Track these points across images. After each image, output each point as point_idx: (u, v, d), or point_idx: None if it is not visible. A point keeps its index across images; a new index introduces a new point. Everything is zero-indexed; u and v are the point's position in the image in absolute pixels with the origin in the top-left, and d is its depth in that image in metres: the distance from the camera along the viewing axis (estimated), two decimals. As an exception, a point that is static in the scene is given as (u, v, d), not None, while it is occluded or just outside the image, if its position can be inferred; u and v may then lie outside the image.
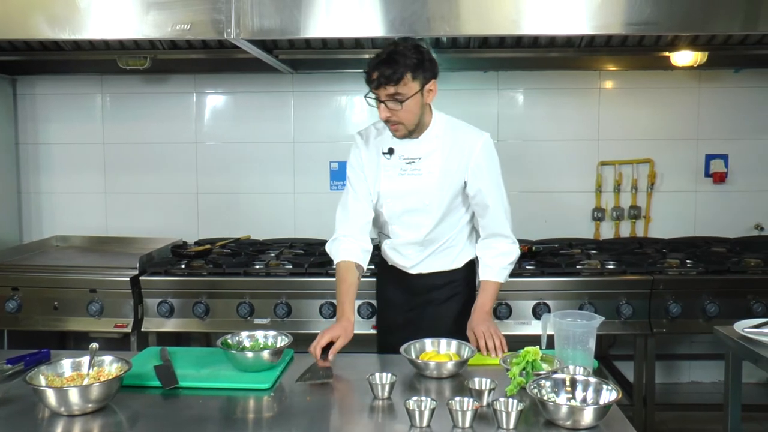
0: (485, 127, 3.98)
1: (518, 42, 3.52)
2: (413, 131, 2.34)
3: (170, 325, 3.25)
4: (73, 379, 1.92)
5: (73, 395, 1.75)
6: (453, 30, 2.73)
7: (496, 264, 2.44)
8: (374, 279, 2.72)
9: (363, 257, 2.42)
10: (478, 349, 2.18)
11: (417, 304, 2.50)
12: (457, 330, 2.36)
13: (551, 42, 3.54)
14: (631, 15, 2.63)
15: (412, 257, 2.47)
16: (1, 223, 3.99)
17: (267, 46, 3.38)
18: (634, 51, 3.65)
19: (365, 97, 2.28)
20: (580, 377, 1.79)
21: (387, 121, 2.29)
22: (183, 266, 3.39)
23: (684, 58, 3.60)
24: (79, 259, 3.60)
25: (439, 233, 2.43)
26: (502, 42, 3.51)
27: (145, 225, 4.06)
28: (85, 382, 1.87)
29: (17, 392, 1.94)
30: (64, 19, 2.92)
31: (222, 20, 2.66)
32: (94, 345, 1.98)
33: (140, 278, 3.27)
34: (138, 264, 3.31)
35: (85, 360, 1.95)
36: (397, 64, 2.18)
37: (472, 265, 2.55)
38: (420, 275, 2.48)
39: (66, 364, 1.95)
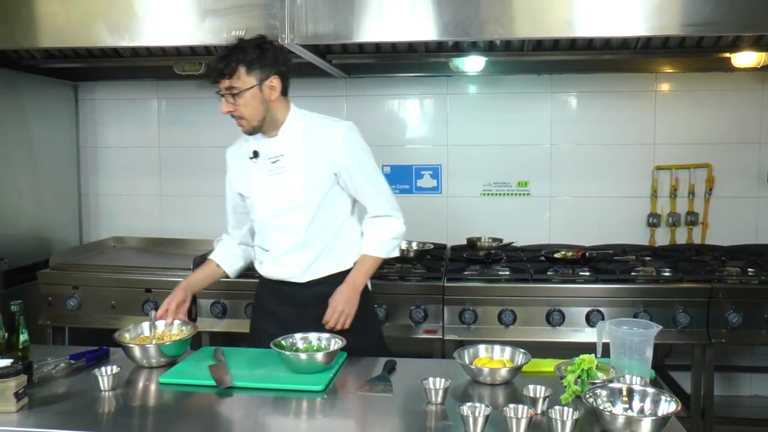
0: (538, 130, 4.02)
1: (572, 44, 3.46)
2: (259, 127, 2.34)
3: (222, 326, 3.30)
4: (143, 340, 2.27)
5: (151, 349, 2.14)
6: (507, 33, 2.70)
7: (376, 238, 2.41)
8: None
9: (228, 261, 2.59)
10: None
11: (311, 321, 2.34)
12: (364, 341, 2.34)
13: (606, 44, 3.47)
14: (689, 15, 2.56)
15: (298, 264, 2.39)
16: (63, 224, 4.13)
17: (320, 50, 3.40)
18: (692, 52, 3.55)
19: (216, 92, 2.31)
20: (637, 387, 1.75)
21: (231, 116, 2.31)
22: (236, 268, 3.43)
23: (746, 59, 3.48)
24: (135, 260, 3.69)
25: (319, 231, 2.38)
26: (556, 44, 3.46)
27: (198, 227, 4.14)
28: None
29: (80, 387, 2.00)
30: (123, 26, 3.01)
31: (276, 26, 2.70)
32: (152, 312, 2.33)
33: (194, 279, 3.32)
34: (192, 265, 3.36)
35: (146, 325, 2.33)
36: (230, 58, 2.24)
37: None
38: (311, 283, 2.40)
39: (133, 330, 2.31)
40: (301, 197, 2.35)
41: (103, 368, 1.97)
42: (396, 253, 2.47)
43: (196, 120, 4.16)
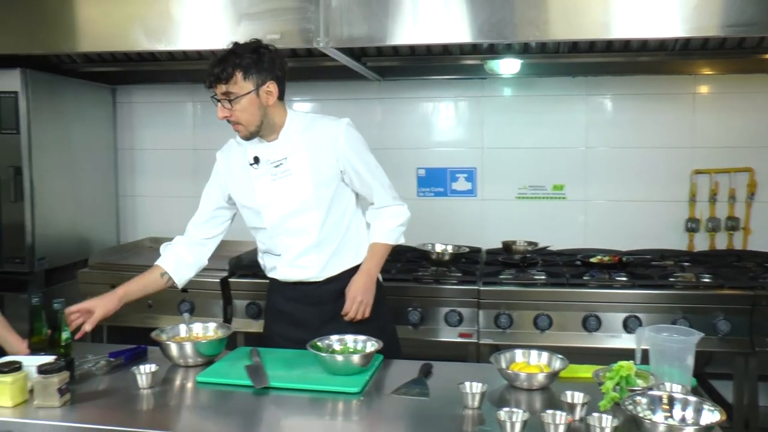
0: (573, 133, 3.97)
1: (608, 46, 3.42)
2: (256, 132, 2.31)
3: (258, 326, 3.30)
4: (179, 340, 2.28)
5: (188, 348, 2.17)
6: (542, 35, 2.68)
7: (383, 226, 2.44)
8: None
9: (178, 270, 2.48)
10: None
11: (331, 318, 2.38)
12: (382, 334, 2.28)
13: (643, 46, 3.42)
14: (729, 16, 2.51)
15: (314, 264, 2.39)
16: (101, 224, 4.20)
17: (355, 53, 3.41)
18: (733, 54, 3.47)
19: (211, 97, 2.29)
20: (678, 395, 1.71)
21: (228, 122, 2.29)
22: (270, 269, 3.45)
23: (790, 60, 3.41)
24: (171, 261, 3.73)
25: (331, 229, 2.39)
26: (591, 46, 3.42)
27: (234, 228, 4.15)
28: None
29: (119, 384, 2.04)
30: (160, 31, 3.06)
31: (311, 29, 2.71)
32: (186, 314, 2.42)
33: (229, 280, 3.36)
34: (227, 266, 3.40)
35: (183, 326, 2.36)
36: (226, 63, 2.20)
37: None
38: (328, 280, 2.41)
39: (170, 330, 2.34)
40: (311, 198, 2.34)
41: (141, 366, 2.00)
42: (402, 240, 2.50)
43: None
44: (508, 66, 3.59)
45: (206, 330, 2.35)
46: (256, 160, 2.37)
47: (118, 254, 3.85)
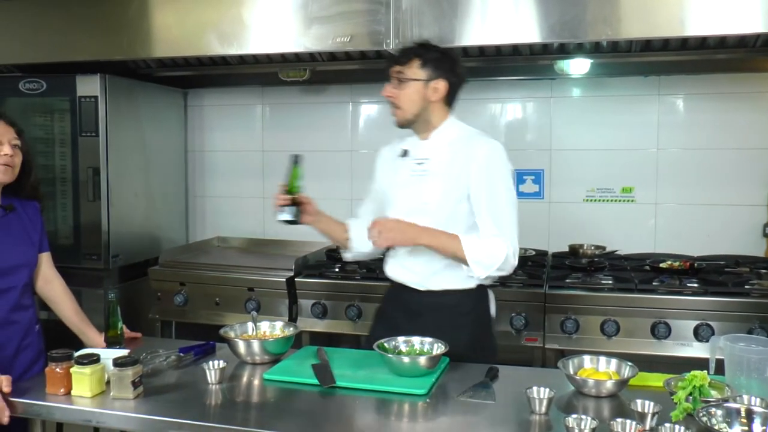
0: (644, 134, 3.86)
1: (683, 44, 3.31)
2: (411, 122, 2.38)
3: (323, 326, 3.36)
4: (248, 337, 2.32)
5: (256, 346, 2.21)
6: (615, 34, 2.63)
7: (479, 243, 2.26)
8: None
9: (358, 239, 2.57)
10: None
11: (422, 332, 2.24)
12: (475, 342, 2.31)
13: (721, 43, 3.29)
14: (815, 8, 2.40)
15: (421, 271, 2.36)
16: (172, 223, 4.34)
17: (424, 55, 3.41)
18: (818, 49, 3.32)
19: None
20: (758, 408, 1.65)
21: (389, 100, 2.39)
22: (337, 270, 3.49)
23: None
24: (238, 259, 3.81)
25: None
26: (665, 45, 3.31)
27: (299, 229, 4.20)
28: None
29: (188, 378, 2.10)
30: (232, 35, 3.14)
31: (381, 31, 2.73)
32: (254, 313, 2.44)
33: (295, 279, 3.41)
34: (293, 266, 3.45)
35: (250, 325, 2.40)
36: (411, 49, 2.35)
37: (484, 293, 2.41)
38: (432, 293, 2.36)
39: (239, 328, 2.39)
40: (434, 203, 2.34)
41: (210, 362, 2.06)
42: (482, 276, 2.29)
43: (299, 125, 4.27)
44: (578, 66, 3.52)
45: (273, 328, 2.40)
46: (405, 153, 2.47)
47: (188, 253, 3.97)
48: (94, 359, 1.95)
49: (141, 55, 3.44)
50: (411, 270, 2.40)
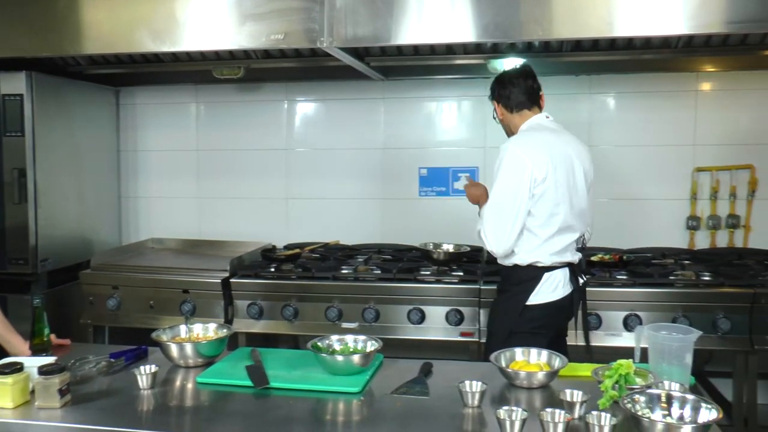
0: (576, 132, 3.92)
1: (612, 44, 3.42)
2: (509, 134, 2.85)
3: (259, 327, 3.33)
4: (180, 341, 2.28)
5: (189, 348, 2.18)
6: (546, 34, 2.69)
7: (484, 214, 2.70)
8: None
9: None
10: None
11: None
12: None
13: (646, 43, 3.42)
14: (733, 12, 2.50)
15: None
16: (104, 225, 4.22)
17: (359, 53, 3.42)
18: (736, 51, 3.47)
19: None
20: (676, 393, 1.72)
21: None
22: (272, 270, 3.47)
23: (792, 58, 3.41)
24: (173, 261, 3.75)
25: None
26: (595, 45, 3.42)
27: (236, 229, 4.19)
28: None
29: (119, 385, 2.05)
30: (164, 32, 3.06)
31: (315, 29, 2.72)
32: (187, 315, 2.41)
33: (231, 280, 3.37)
34: (229, 267, 3.42)
35: (183, 327, 2.36)
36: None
37: (519, 271, 2.67)
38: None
39: (171, 331, 2.35)
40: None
41: (141, 367, 2.02)
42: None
43: (234, 123, 4.22)
44: (511, 65, 3.57)
45: (206, 330, 2.37)
46: None
47: (121, 255, 3.87)
48: (17, 368, 1.88)
49: (70, 51, 3.33)
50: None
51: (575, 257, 2.68)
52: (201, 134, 4.30)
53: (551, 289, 2.62)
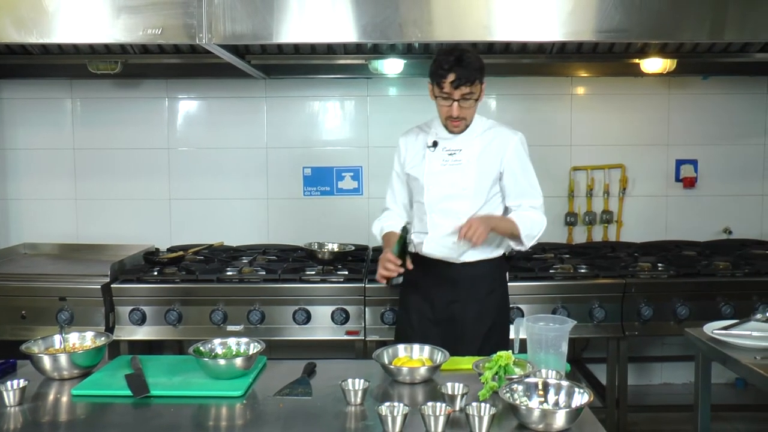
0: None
1: (490, 48, 3.54)
2: (468, 125, 2.62)
3: (142, 333, 3.21)
4: (53, 352, 2.15)
5: (63, 359, 2.06)
6: (425, 36, 2.73)
7: (530, 220, 2.60)
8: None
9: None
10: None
11: (460, 298, 2.63)
12: (493, 327, 2.62)
13: (523, 48, 3.57)
14: (601, 22, 2.65)
15: (457, 248, 2.58)
16: (-31, 230, 3.93)
17: (239, 51, 3.36)
18: (604, 58, 3.70)
19: (436, 97, 2.54)
20: (552, 381, 1.80)
21: (454, 118, 2.55)
22: (155, 273, 3.36)
23: (653, 65, 3.65)
24: (48, 267, 3.56)
25: None
26: (474, 48, 3.52)
27: (116, 232, 4.01)
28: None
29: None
30: (30, 22, 2.87)
31: (194, 25, 2.64)
32: (62, 324, 2.33)
33: (112, 286, 3.23)
34: (109, 271, 3.28)
35: (57, 337, 2.22)
36: (470, 66, 2.50)
37: (505, 261, 2.74)
38: (467, 264, 2.63)
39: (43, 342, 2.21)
40: (471, 188, 2.59)
41: (8, 382, 1.88)
42: (528, 245, 2.63)
43: (113, 121, 4.04)
44: (392, 66, 3.65)
45: (83, 339, 2.24)
46: (435, 144, 2.65)
47: (-10, 262, 3.62)
48: None
49: None
50: (447, 248, 2.59)
51: None
52: (78, 132, 4.08)
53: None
